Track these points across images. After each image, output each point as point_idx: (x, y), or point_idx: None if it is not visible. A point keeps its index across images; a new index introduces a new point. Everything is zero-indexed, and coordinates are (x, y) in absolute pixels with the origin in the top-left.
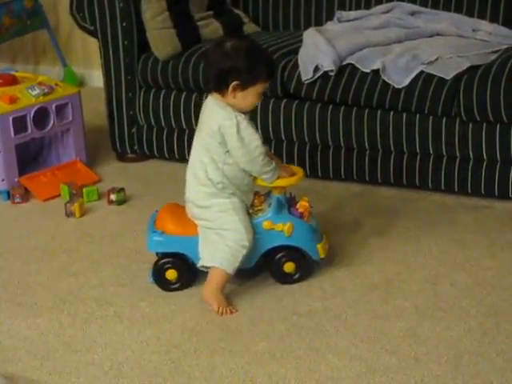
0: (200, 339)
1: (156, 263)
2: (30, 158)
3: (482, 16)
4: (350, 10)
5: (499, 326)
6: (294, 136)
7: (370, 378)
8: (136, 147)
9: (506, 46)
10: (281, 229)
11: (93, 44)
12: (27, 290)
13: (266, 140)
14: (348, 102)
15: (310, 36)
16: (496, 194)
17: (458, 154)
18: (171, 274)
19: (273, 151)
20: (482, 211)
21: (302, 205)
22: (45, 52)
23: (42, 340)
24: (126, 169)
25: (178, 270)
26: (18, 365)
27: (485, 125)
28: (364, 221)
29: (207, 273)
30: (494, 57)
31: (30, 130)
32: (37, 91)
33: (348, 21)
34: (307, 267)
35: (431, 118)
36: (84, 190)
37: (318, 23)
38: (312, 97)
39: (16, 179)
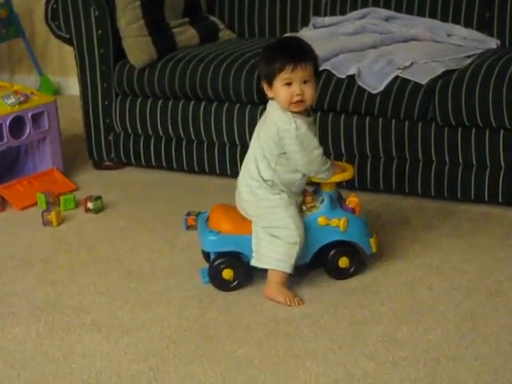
0: (178, 347)
1: (211, 264)
2: (6, 166)
3: (456, 21)
4: (325, 16)
5: (476, 329)
6: None
7: (348, 383)
8: (113, 155)
9: (480, 51)
10: (336, 224)
11: (69, 52)
12: (4, 299)
13: (244, 146)
14: (324, 108)
15: None
16: (472, 197)
17: (434, 159)
18: (227, 274)
19: None
20: (458, 215)
21: (353, 200)
22: (20, 61)
23: (20, 349)
24: (103, 177)
25: (234, 269)
26: None
27: (460, 129)
28: None
29: (262, 269)
30: (468, 61)
31: (5, 139)
32: (12, 100)
33: (323, 27)
34: (361, 261)
35: (407, 122)
36: (61, 198)
37: (294, 29)
38: None
39: None
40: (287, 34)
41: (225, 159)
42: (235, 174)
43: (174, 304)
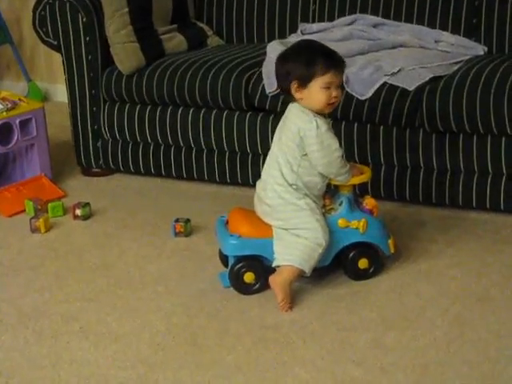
0: (166, 353)
1: (232, 268)
2: None
3: (443, 27)
4: (313, 22)
5: (464, 335)
6: (259, 148)
7: None
8: (101, 161)
9: (467, 57)
10: (355, 226)
11: (57, 59)
12: None
13: (232, 152)
14: None
15: (274, 49)
16: (460, 203)
17: (422, 165)
18: (249, 277)
19: (239, 163)
20: (446, 221)
21: (369, 202)
22: (8, 67)
23: (7, 357)
24: (92, 183)
25: (255, 272)
26: None
27: (448, 135)
28: None
29: None
30: (456, 67)
31: None
32: (0, 107)
33: (311, 33)
34: (380, 262)
35: (395, 129)
36: (49, 205)
37: (282, 36)
38: (276, 109)
39: None
40: (284, 39)
41: (213, 166)
42: (224, 180)
43: (163, 311)
